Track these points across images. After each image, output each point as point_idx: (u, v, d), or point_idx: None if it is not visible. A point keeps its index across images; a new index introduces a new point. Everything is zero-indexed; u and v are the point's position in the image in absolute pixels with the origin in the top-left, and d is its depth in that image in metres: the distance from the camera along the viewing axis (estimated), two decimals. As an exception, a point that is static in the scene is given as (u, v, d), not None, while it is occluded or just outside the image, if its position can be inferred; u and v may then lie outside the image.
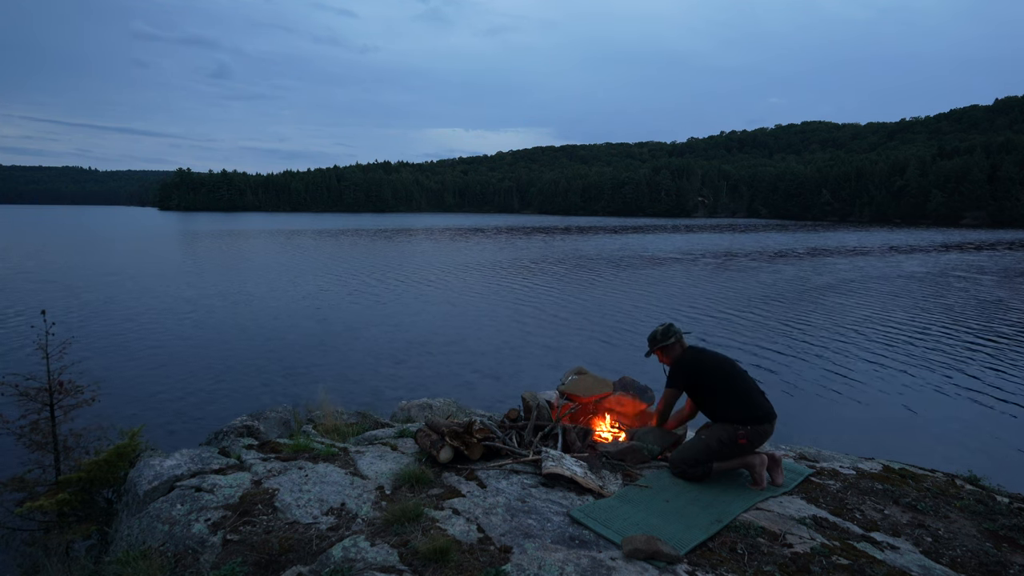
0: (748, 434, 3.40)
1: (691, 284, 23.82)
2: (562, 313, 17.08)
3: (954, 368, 11.63)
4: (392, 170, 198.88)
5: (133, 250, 36.97)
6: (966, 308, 18.45)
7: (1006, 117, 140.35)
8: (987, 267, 31.43)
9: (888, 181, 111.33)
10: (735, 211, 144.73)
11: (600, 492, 3.20)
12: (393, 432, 4.42)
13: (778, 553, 2.66)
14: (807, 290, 22.15)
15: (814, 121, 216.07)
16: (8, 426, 4.48)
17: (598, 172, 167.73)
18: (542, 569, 2.35)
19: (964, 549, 2.86)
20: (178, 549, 2.65)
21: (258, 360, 11.65)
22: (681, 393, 3.72)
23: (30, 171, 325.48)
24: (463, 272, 26.55)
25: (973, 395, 10.04)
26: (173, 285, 21.34)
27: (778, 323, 15.87)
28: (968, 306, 18.81)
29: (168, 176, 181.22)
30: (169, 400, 9.33)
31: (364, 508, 2.96)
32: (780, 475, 3.52)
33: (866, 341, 13.77)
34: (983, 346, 13.48)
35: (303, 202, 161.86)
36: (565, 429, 3.82)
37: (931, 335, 14.52)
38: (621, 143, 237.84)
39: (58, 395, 4.62)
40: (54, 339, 4.70)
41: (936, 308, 18.38)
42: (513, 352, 12.72)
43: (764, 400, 3.54)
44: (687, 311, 17.47)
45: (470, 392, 9.71)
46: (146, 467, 3.34)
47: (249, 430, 4.82)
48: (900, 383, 10.65)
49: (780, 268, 30.10)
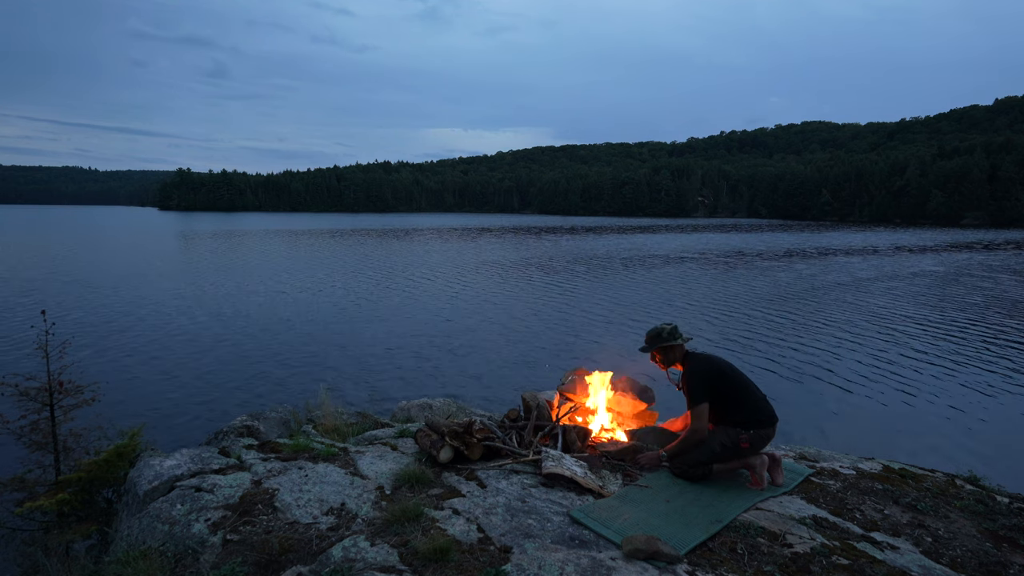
0: (751, 438, 3.39)
1: (697, 282, 23.82)
2: (563, 313, 17.08)
3: (954, 368, 11.63)
4: (392, 170, 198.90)
5: (133, 250, 36.96)
6: (967, 308, 18.44)
7: (1006, 117, 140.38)
8: (994, 265, 31.43)
9: (888, 181, 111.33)
10: (735, 211, 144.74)
11: (600, 492, 3.20)
12: (393, 432, 4.42)
13: (778, 553, 2.66)
14: (808, 290, 22.15)
15: (814, 121, 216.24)
16: (8, 426, 4.48)
17: (598, 172, 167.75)
18: (542, 569, 2.35)
19: (964, 549, 2.86)
20: (178, 549, 2.65)
21: (258, 360, 11.65)
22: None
23: (30, 171, 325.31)
24: (464, 272, 26.55)
25: (973, 395, 10.04)
26: (173, 285, 21.33)
27: (778, 322, 15.87)
28: (969, 306, 18.81)
29: (168, 176, 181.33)
30: (169, 400, 9.33)
31: (364, 508, 2.96)
32: (780, 475, 3.52)
33: (866, 340, 13.77)
34: (983, 346, 13.48)
35: (303, 202, 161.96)
36: (565, 429, 3.82)
37: (931, 335, 14.52)
38: (621, 143, 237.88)
39: (58, 395, 4.62)
40: (54, 339, 4.69)
41: (936, 308, 18.38)
42: (513, 352, 12.72)
43: (767, 404, 3.52)
44: (688, 310, 17.47)
45: (470, 392, 9.70)
46: (146, 467, 3.34)
47: (249, 430, 4.82)
48: (900, 383, 10.65)
49: (787, 267, 30.11)
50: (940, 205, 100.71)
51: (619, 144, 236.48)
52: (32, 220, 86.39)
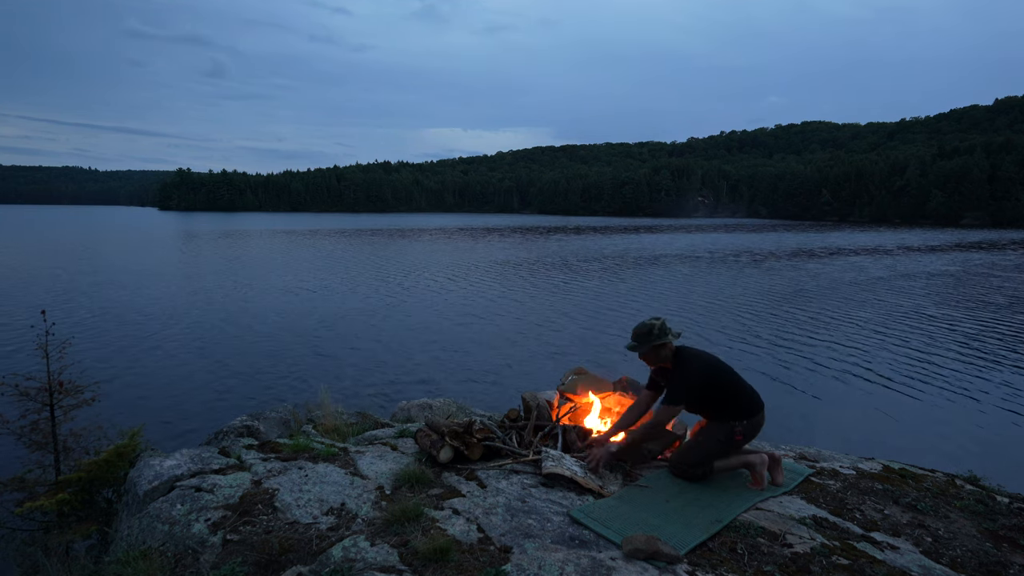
0: (744, 429, 3.38)
1: (708, 280, 23.82)
2: (564, 312, 17.08)
3: (954, 368, 11.63)
4: (392, 170, 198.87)
5: (134, 250, 36.95)
6: (967, 308, 18.44)
7: (1006, 117, 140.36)
8: (1001, 264, 31.43)
9: (888, 181, 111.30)
10: (735, 211, 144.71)
11: (600, 492, 3.20)
12: (393, 432, 4.42)
13: (778, 553, 2.66)
14: (816, 289, 22.15)
15: (814, 121, 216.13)
16: (8, 426, 4.48)
17: (598, 172, 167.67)
18: (542, 569, 2.35)
19: (964, 549, 2.86)
20: (178, 549, 2.65)
21: (258, 360, 11.65)
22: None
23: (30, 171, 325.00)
24: (466, 272, 26.55)
25: (974, 395, 10.05)
26: (173, 285, 21.34)
27: (778, 322, 15.87)
28: (970, 306, 18.81)
29: (167, 176, 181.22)
30: (169, 400, 9.34)
31: (364, 508, 2.96)
32: (780, 475, 3.51)
33: (866, 340, 13.77)
34: (984, 346, 13.48)
35: (303, 202, 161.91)
36: (565, 429, 3.82)
37: (931, 335, 14.51)
38: (621, 143, 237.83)
39: (58, 395, 4.62)
40: (54, 339, 4.69)
41: (936, 308, 18.38)
42: (513, 352, 12.72)
43: (754, 391, 3.49)
44: (688, 309, 17.47)
45: (470, 392, 9.71)
46: (146, 467, 3.33)
47: (249, 430, 4.82)
48: (900, 382, 10.66)
49: (799, 266, 30.11)
50: (940, 205, 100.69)
51: (619, 144, 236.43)
52: (32, 220, 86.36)
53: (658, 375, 3.55)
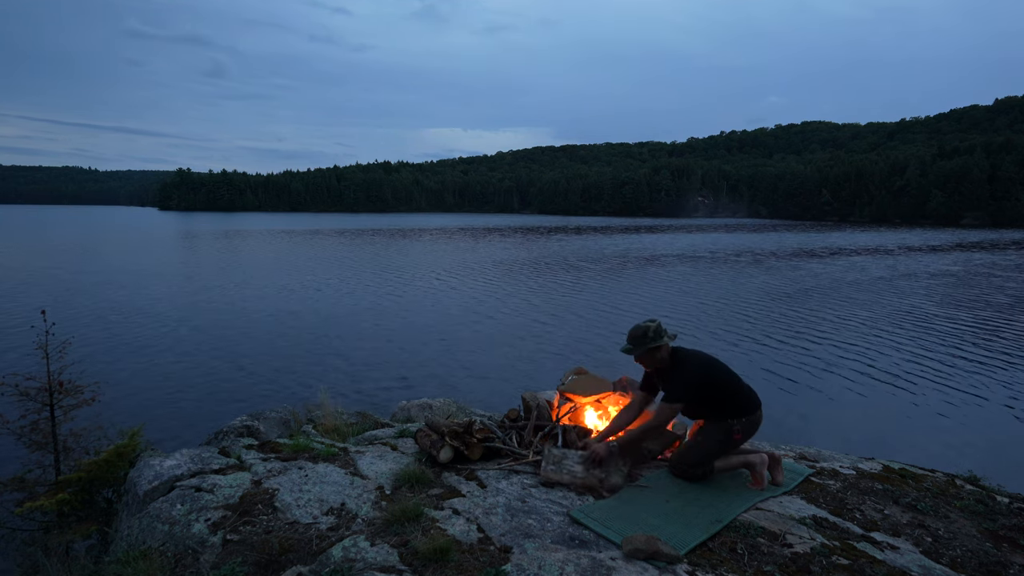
0: (742, 427, 3.38)
1: (711, 280, 23.82)
2: (564, 312, 17.08)
3: (955, 367, 11.63)
4: (392, 170, 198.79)
5: (134, 250, 36.95)
6: (968, 308, 18.44)
7: (1006, 117, 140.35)
8: (1000, 264, 31.42)
9: (888, 181, 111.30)
10: (735, 211, 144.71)
11: (600, 492, 3.20)
12: (393, 432, 4.42)
13: (778, 553, 2.66)
14: (811, 289, 22.15)
15: (814, 121, 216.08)
16: (8, 426, 4.48)
17: (598, 172, 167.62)
18: (542, 569, 2.35)
19: (964, 549, 2.86)
20: (178, 549, 2.65)
21: (258, 360, 11.65)
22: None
23: (30, 171, 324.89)
24: (466, 272, 26.55)
25: (974, 395, 10.05)
26: (174, 285, 21.34)
27: (778, 322, 15.87)
28: (970, 307, 18.81)
29: (167, 176, 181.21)
30: (169, 400, 9.34)
31: (364, 508, 2.96)
32: (780, 475, 3.51)
33: (867, 340, 13.76)
34: (984, 346, 13.48)
35: (303, 202, 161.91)
36: (565, 429, 3.82)
37: (931, 335, 14.51)
38: (621, 143, 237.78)
39: (58, 395, 4.62)
40: (54, 339, 4.69)
41: (937, 307, 18.37)
42: (513, 352, 12.72)
43: (751, 389, 3.49)
44: (688, 309, 17.47)
45: (470, 392, 9.71)
46: (146, 467, 3.33)
47: (249, 430, 4.82)
48: (900, 383, 10.65)
49: (794, 267, 30.10)
50: (940, 205, 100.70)
51: (619, 144, 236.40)
52: (32, 220, 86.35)
53: (653, 377, 3.54)
